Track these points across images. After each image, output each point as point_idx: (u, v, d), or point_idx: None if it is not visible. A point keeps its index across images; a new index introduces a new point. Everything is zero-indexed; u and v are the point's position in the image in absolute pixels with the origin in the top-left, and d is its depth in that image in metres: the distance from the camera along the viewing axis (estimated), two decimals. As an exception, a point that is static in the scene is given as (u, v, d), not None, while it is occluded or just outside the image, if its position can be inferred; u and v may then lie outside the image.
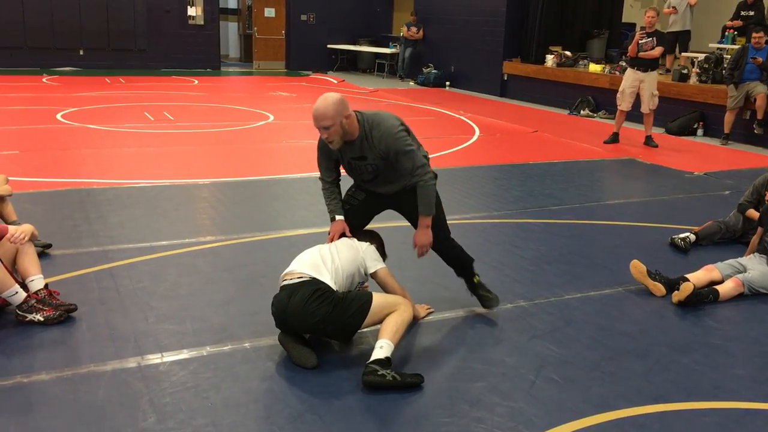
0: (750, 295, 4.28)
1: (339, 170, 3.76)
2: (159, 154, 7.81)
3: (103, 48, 16.88)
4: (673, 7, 12.21)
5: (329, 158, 3.71)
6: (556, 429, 2.86)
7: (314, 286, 3.25)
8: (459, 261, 3.87)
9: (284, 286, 3.34)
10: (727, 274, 4.41)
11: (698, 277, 4.37)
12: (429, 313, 3.84)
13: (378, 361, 3.11)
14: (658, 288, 4.28)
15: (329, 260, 3.38)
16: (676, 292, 4.17)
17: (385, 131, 3.45)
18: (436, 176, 3.60)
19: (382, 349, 3.15)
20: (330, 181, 3.77)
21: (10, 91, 12.34)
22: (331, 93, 3.45)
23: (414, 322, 3.64)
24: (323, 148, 3.68)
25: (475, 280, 3.89)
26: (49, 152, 7.66)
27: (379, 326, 3.27)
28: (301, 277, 3.30)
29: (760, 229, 4.66)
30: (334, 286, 3.29)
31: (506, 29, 14.60)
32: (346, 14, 19.29)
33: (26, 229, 3.68)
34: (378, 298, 3.29)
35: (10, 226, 3.71)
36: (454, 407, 2.99)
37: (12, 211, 4.49)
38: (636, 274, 4.35)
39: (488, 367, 3.35)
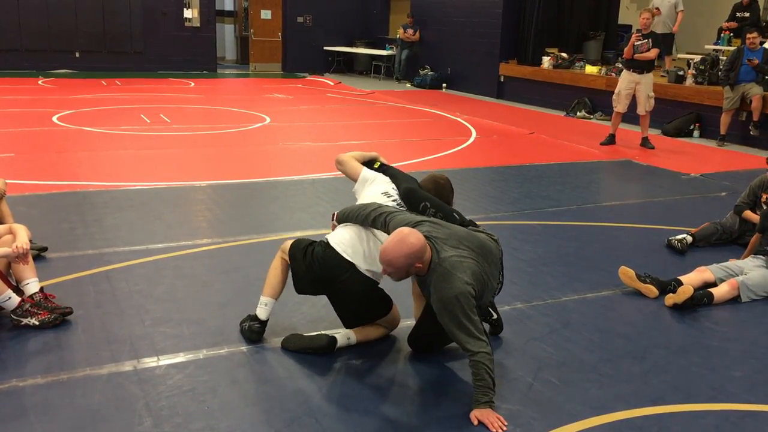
0: (747, 302, 4.26)
1: None
2: (155, 157, 7.79)
3: (99, 50, 16.85)
4: (657, 8, 12.21)
5: None
6: None
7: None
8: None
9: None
10: (719, 277, 4.41)
11: (691, 278, 4.37)
12: None
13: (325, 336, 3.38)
14: (650, 290, 4.28)
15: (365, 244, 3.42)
16: (671, 294, 4.16)
17: (447, 297, 2.93)
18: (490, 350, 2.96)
19: (342, 338, 3.42)
20: None
21: (6, 94, 12.30)
22: (411, 238, 2.93)
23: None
24: None
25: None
26: (45, 155, 7.64)
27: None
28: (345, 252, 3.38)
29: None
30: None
31: (503, 31, 14.61)
32: (342, 16, 19.29)
33: (23, 242, 3.56)
34: (393, 312, 3.51)
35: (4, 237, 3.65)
36: (452, 410, 2.98)
37: (8, 213, 4.44)
38: (625, 279, 4.35)
39: (486, 370, 3.33)
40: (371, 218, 3.32)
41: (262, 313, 3.50)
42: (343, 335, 3.41)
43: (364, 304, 3.43)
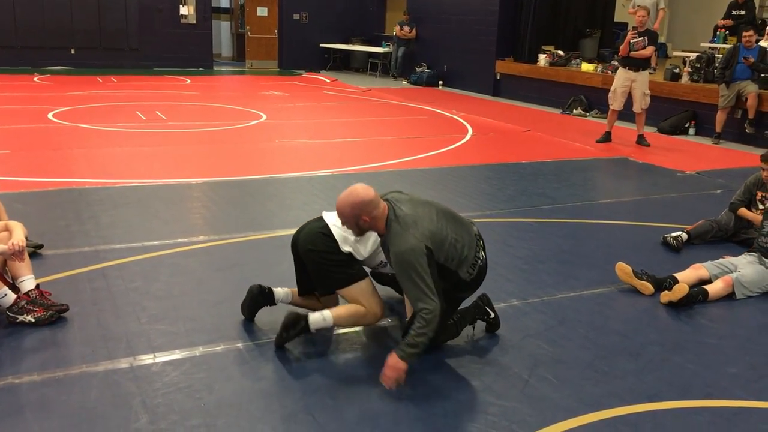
0: (741, 299, 4.28)
1: None
2: (151, 154, 7.78)
3: (95, 47, 16.81)
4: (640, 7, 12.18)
5: None
6: (549, 428, 2.86)
7: (328, 239, 3.41)
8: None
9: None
10: (714, 274, 4.42)
11: (686, 275, 4.38)
12: None
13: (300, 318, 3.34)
14: (646, 287, 4.29)
15: None
16: (666, 292, 4.17)
17: (398, 252, 3.05)
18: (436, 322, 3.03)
19: (317, 315, 3.36)
20: None
21: (1, 90, 12.27)
22: (359, 190, 3.08)
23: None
24: None
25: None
26: (40, 152, 7.62)
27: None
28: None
29: None
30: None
31: (499, 28, 14.62)
32: (338, 13, 19.28)
33: (19, 240, 3.55)
34: (359, 288, 3.42)
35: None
36: (447, 407, 2.99)
37: (2, 211, 4.43)
38: (622, 275, 4.36)
39: (481, 367, 3.35)
40: None
41: (278, 288, 3.67)
42: (318, 314, 3.37)
43: (316, 244, 3.41)
